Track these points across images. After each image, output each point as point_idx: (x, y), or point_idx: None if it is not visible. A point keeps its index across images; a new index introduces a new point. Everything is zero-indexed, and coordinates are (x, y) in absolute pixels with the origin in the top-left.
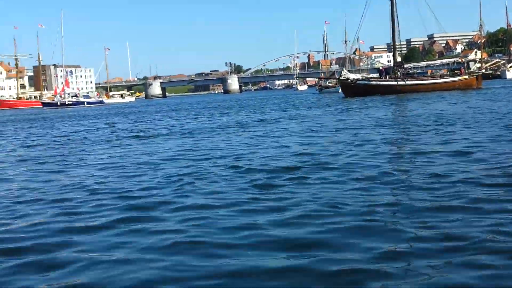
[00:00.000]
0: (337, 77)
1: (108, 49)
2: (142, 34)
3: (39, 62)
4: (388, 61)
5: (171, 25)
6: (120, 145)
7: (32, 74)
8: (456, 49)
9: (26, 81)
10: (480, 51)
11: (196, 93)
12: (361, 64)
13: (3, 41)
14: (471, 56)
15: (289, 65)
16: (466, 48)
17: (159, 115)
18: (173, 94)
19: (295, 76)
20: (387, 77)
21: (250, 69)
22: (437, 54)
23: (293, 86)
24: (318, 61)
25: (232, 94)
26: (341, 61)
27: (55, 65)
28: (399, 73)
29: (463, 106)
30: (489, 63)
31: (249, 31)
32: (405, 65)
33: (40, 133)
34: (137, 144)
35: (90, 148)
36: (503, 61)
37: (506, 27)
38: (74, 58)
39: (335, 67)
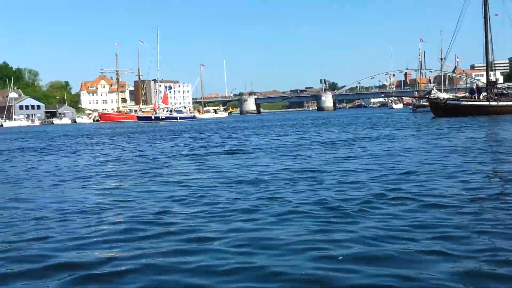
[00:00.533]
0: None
1: (203, 65)
2: (239, 50)
3: (139, 77)
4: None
5: (267, 41)
6: (206, 160)
7: (133, 88)
8: None
9: (127, 95)
10: None
11: (290, 109)
12: (461, 82)
13: (106, 57)
14: None
15: (385, 82)
16: None
17: (249, 131)
18: (267, 110)
19: (382, 95)
20: (480, 97)
21: (344, 86)
22: None
23: (388, 104)
24: (415, 79)
25: (325, 112)
26: (437, 80)
27: (155, 80)
28: (492, 93)
29: None
30: None
31: (345, 48)
32: (499, 85)
33: (129, 147)
34: (226, 160)
35: (180, 162)
36: None
37: None
38: (173, 73)
39: (432, 85)
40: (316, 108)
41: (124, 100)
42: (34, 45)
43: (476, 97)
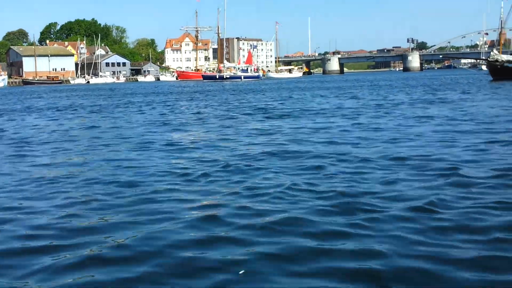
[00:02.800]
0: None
1: (278, 23)
2: (326, 6)
3: (218, 35)
4: None
5: None
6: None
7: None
8: None
9: (210, 53)
10: None
11: (375, 70)
12: None
13: (188, 15)
14: None
15: (478, 42)
16: None
17: (311, 92)
18: (352, 70)
19: (470, 56)
20: None
21: (434, 46)
22: None
23: (478, 66)
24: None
25: (410, 72)
26: None
27: (238, 38)
28: None
29: None
30: None
31: (436, 4)
32: None
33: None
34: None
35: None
36: None
37: None
38: (257, 32)
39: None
40: (402, 68)
41: (207, 59)
42: (121, 1)
43: None
